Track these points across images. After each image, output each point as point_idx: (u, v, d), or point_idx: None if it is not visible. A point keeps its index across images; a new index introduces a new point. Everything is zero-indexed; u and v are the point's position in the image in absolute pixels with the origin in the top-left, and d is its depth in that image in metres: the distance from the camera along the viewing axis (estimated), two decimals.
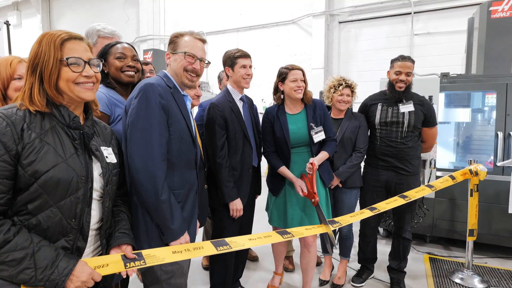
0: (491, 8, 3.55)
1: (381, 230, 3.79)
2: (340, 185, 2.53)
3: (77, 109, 1.10)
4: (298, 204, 2.22)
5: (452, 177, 2.55)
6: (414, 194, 2.28)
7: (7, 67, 1.36)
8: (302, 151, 2.23)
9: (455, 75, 3.63)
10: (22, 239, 0.92)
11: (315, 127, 2.18)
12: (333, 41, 6.84)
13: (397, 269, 2.58)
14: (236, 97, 2.18)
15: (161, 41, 8.65)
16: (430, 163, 3.29)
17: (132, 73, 1.68)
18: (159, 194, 1.30)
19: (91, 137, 1.11)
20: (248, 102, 2.31)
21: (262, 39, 7.52)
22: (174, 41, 1.50)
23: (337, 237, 2.74)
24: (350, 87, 2.52)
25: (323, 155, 2.18)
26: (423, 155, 3.15)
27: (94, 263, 1.05)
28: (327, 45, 6.81)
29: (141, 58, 7.55)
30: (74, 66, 1.03)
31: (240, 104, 2.19)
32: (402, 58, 2.40)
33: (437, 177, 3.15)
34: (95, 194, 1.10)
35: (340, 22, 6.75)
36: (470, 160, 2.67)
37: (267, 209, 2.42)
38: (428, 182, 3.11)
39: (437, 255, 3.24)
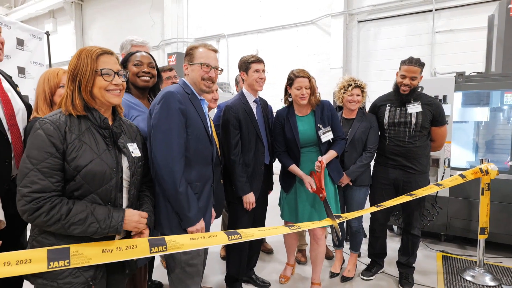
0: (510, 6, 3.48)
1: (395, 228, 3.84)
2: (351, 184, 2.64)
3: (107, 112, 1.33)
4: (308, 200, 2.36)
5: (462, 176, 2.59)
6: (420, 192, 2.36)
7: (54, 77, 1.63)
8: (311, 151, 2.36)
9: (475, 73, 3.60)
10: (80, 205, 1.18)
11: (322, 128, 2.31)
12: (352, 40, 6.85)
13: (406, 264, 2.66)
14: (250, 99, 2.36)
15: (184, 44, 8.98)
16: (444, 162, 3.31)
17: (147, 78, 1.88)
18: (177, 187, 1.51)
19: (119, 135, 1.33)
20: (262, 104, 2.49)
21: (282, 40, 7.64)
22: (190, 53, 1.70)
23: (348, 233, 2.85)
24: (360, 87, 2.61)
25: (331, 154, 2.32)
26: (436, 154, 3.18)
27: (125, 244, 1.26)
28: (346, 45, 6.83)
29: (165, 61, 7.91)
30: (106, 76, 1.25)
31: (253, 106, 2.37)
32: (409, 61, 2.43)
33: (451, 176, 3.17)
34: (124, 183, 1.33)
35: (359, 21, 6.75)
36: (482, 159, 2.70)
37: (280, 204, 2.58)
38: (441, 180, 3.14)
39: (450, 253, 3.26)
